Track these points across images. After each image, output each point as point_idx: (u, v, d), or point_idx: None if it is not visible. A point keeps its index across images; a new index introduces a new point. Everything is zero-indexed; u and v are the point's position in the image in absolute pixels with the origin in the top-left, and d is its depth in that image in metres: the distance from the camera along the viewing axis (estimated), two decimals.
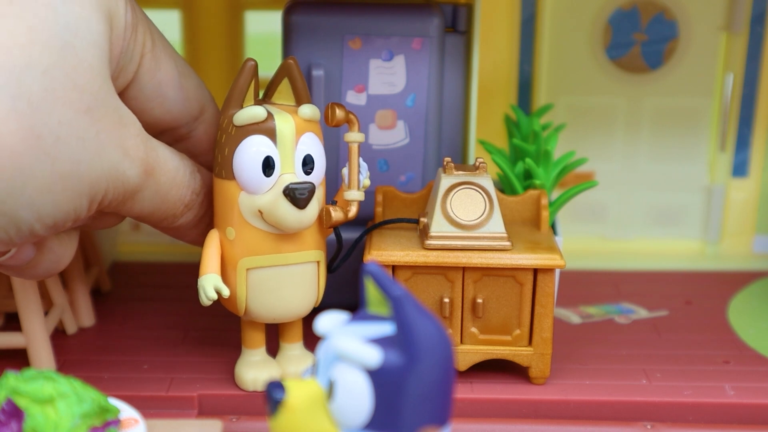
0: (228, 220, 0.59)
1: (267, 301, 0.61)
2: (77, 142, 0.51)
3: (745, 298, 0.78)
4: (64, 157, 0.50)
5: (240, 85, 0.58)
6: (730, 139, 0.84)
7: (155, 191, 0.57)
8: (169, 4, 0.84)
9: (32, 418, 0.47)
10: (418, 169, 0.70)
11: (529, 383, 0.64)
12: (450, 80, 0.70)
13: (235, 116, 0.58)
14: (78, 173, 0.51)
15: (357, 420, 0.42)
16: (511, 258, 0.62)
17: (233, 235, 0.59)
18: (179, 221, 0.60)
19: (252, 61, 0.58)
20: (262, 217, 0.59)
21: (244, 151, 0.58)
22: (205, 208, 0.61)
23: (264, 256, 0.60)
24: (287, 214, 0.58)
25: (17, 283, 0.63)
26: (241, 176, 0.58)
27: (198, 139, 0.64)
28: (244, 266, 0.60)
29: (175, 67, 0.61)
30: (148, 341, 0.69)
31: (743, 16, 0.81)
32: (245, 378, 0.63)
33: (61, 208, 0.51)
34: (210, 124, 0.64)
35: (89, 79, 0.51)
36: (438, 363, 0.42)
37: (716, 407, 0.62)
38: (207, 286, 0.59)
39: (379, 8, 0.68)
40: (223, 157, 0.59)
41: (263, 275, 0.60)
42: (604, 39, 0.82)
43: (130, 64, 0.58)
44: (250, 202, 0.59)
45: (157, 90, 0.60)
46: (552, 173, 0.69)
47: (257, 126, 0.58)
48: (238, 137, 0.58)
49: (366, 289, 0.44)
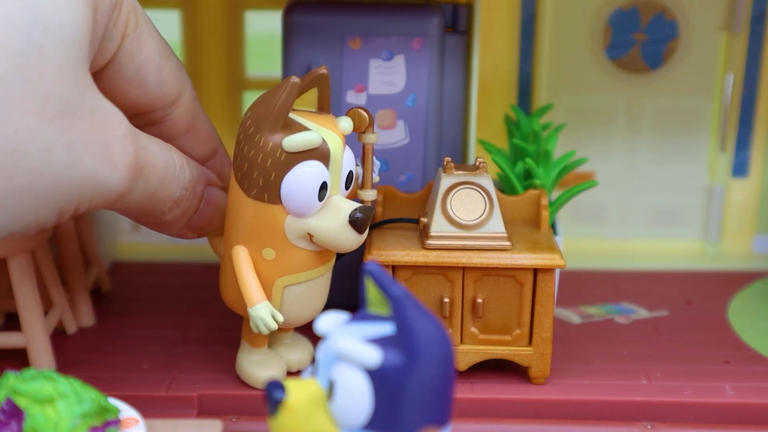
0: (267, 242, 0.58)
1: (300, 312, 0.61)
2: (40, 153, 0.46)
3: (745, 298, 0.78)
4: (22, 170, 0.46)
5: (282, 105, 0.55)
6: (730, 139, 0.84)
7: (144, 191, 0.53)
8: (169, 4, 0.84)
9: (32, 418, 0.47)
10: (418, 169, 0.70)
11: (529, 383, 0.64)
12: (450, 80, 0.70)
13: (286, 142, 0.55)
14: (40, 186, 0.47)
15: (357, 420, 0.42)
16: (511, 258, 0.62)
17: (272, 255, 0.58)
18: (166, 217, 0.58)
19: (296, 80, 0.55)
20: (310, 240, 0.58)
21: (298, 177, 0.56)
22: (191, 203, 0.59)
23: (303, 273, 0.59)
24: (350, 240, 0.57)
25: (17, 283, 0.63)
26: (293, 202, 0.56)
27: (172, 123, 0.60)
28: (282, 284, 0.59)
29: (157, 49, 0.57)
30: (148, 341, 0.69)
31: (743, 16, 0.81)
32: (259, 376, 0.62)
33: (17, 222, 0.48)
34: (187, 108, 0.60)
35: (57, 84, 0.47)
36: (438, 363, 0.42)
37: (716, 407, 0.62)
38: (265, 316, 0.58)
39: (379, 8, 0.68)
40: (267, 182, 0.56)
41: (299, 290, 0.60)
42: (604, 39, 0.82)
43: (108, 43, 0.54)
44: (298, 225, 0.57)
45: (136, 73, 0.56)
46: (552, 173, 0.69)
47: (312, 152, 0.56)
48: (290, 163, 0.56)
49: (366, 289, 0.44)
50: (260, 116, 0.56)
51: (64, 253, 0.71)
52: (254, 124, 0.56)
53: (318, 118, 0.58)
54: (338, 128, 0.58)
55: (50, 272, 0.68)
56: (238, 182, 0.57)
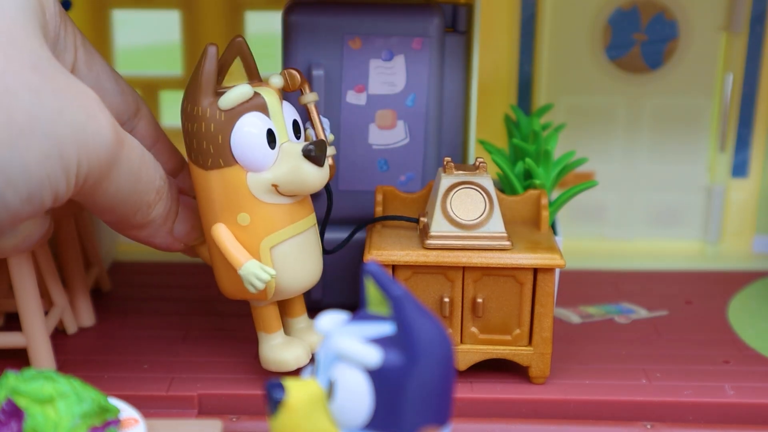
0: (237, 207, 0.59)
1: (294, 274, 0.61)
2: (30, 96, 0.48)
3: (745, 298, 0.78)
4: (18, 110, 0.47)
5: (208, 72, 0.58)
6: (730, 140, 0.84)
7: (129, 168, 0.54)
8: (169, 4, 0.85)
9: (32, 418, 0.47)
10: (418, 169, 0.70)
11: (529, 383, 0.64)
12: (450, 80, 0.70)
13: (220, 101, 0.57)
14: (40, 130, 0.48)
15: (357, 420, 0.42)
16: (511, 258, 0.62)
17: (247, 219, 0.59)
18: (152, 213, 0.59)
19: (213, 47, 0.58)
20: (277, 191, 0.59)
21: (244, 130, 0.58)
22: (171, 200, 0.60)
23: (283, 229, 0.60)
24: (311, 175, 0.58)
25: (17, 283, 0.63)
26: (247, 156, 0.58)
27: (140, 136, 0.62)
28: (267, 246, 0.60)
29: (105, 62, 0.60)
30: (148, 341, 0.69)
31: (743, 16, 0.81)
32: (286, 358, 0.62)
33: (31, 172, 0.48)
34: (149, 119, 0.63)
35: (26, 39, 0.49)
36: (438, 363, 0.42)
37: (716, 407, 0.62)
38: (255, 270, 0.59)
39: (379, 8, 0.68)
40: (216, 146, 0.58)
41: (286, 248, 0.60)
42: (604, 39, 0.82)
43: (65, 53, 0.56)
44: (260, 179, 0.58)
45: (96, 83, 0.59)
46: (552, 173, 0.69)
47: (248, 104, 0.58)
48: (231, 120, 0.58)
49: (366, 289, 0.44)
50: (191, 91, 0.58)
51: (64, 253, 0.71)
52: (189, 101, 0.58)
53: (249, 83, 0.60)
54: (269, 84, 0.60)
55: (50, 272, 0.68)
56: (194, 162, 0.59)
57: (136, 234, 0.60)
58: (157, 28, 0.94)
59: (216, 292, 0.65)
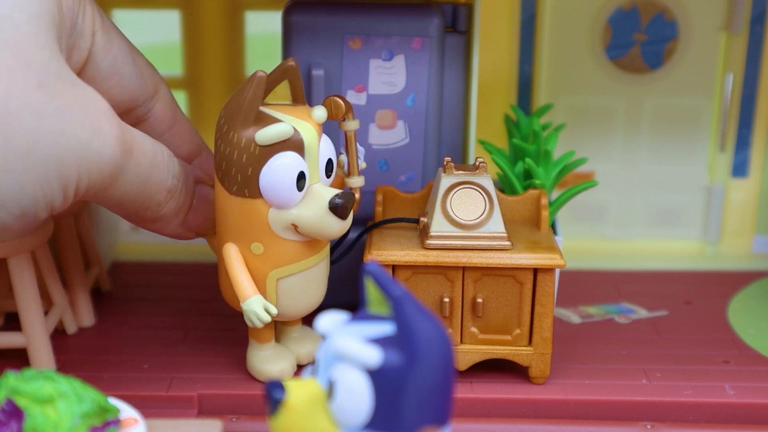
0: (254, 237, 0.58)
1: (296, 303, 0.61)
2: (32, 117, 0.47)
3: (745, 298, 0.78)
4: (18, 133, 0.47)
5: (251, 100, 0.56)
6: (730, 140, 0.84)
7: (137, 174, 0.54)
8: (169, 4, 0.84)
9: (32, 418, 0.47)
10: (418, 169, 0.70)
11: (529, 383, 0.64)
12: (450, 80, 0.70)
13: (258, 135, 0.56)
14: (39, 152, 0.48)
15: (357, 420, 0.42)
16: (511, 258, 0.62)
17: (261, 250, 0.59)
18: (163, 210, 0.58)
19: (262, 74, 0.56)
20: (296, 230, 0.58)
21: (274, 169, 0.56)
22: (184, 195, 0.59)
23: (294, 264, 0.59)
24: (333, 227, 0.58)
25: (17, 283, 0.63)
26: (272, 194, 0.57)
27: (156, 119, 0.62)
28: (275, 277, 0.59)
29: (126, 43, 0.58)
30: (148, 341, 0.69)
31: (743, 16, 0.81)
32: (272, 371, 0.63)
33: (26, 192, 0.48)
34: (166, 102, 0.62)
35: (36, 52, 0.48)
36: (438, 363, 0.42)
37: (716, 407, 0.62)
38: (258, 310, 0.58)
39: (379, 8, 0.68)
40: (245, 177, 0.57)
41: (293, 281, 0.60)
42: (604, 39, 0.82)
43: (81, 40, 0.55)
44: (281, 217, 0.58)
45: (113, 67, 0.58)
46: (552, 173, 0.69)
47: (284, 143, 0.56)
48: (264, 156, 0.56)
49: (366, 289, 0.44)
50: (231, 113, 0.57)
51: (64, 253, 0.71)
52: (227, 122, 0.57)
53: (292, 110, 0.59)
54: (312, 118, 0.58)
55: (50, 272, 0.68)
56: (220, 181, 0.58)
57: (146, 226, 0.60)
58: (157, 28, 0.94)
59: (216, 292, 0.65)
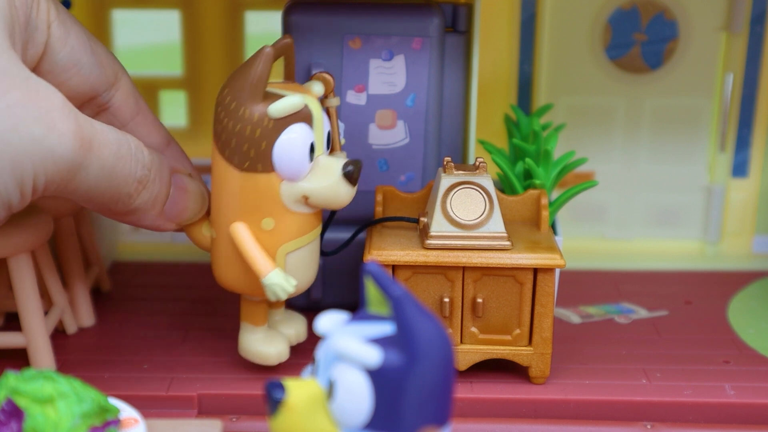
0: (264, 212, 0.59)
1: (303, 276, 0.62)
2: None
3: (745, 298, 0.78)
4: None
5: (261, 76, 0.57)
6: (730, 140, 0.84)
7: (100, 167, 0.53)
8: (169, 4, 0.84)
9: (32, 418, 0.47)
10: (418, 169, 0.70)
11: (529, 383, 0.64)
12: (450, 80, 0.70)
13: (271, 109, 0.56)
14: None
15: (357, 420, 0.42)
16: (511, 258, 0.62)
17: (272, 225, 0.59)
18: (136, 202, 0.57)
19: (270, 49, 0.57)
20: (306, 202, 0.59)
21: (288, 141, 0.57)
22: (158, 186, 0.58)
23: (302, 237, 0.60)
24: (345, 194, 0.59)
25: (17, 283, 0.63)
26: (286, 166, 0.58)
27: (118, 107, 0.61)
28: (285, 251, 0.60)
29: (83, 32, 0.58)
30: (148, 341, 0.69)
31: (743, 16, 0.81)
32: (269, 352, 0.63)
33: None
34: (128, 90, 0.61)
35: None
36: (438, 363, 0.42)
37: (716, 407, 0.62)
38: (282, 282, 0.59)
39: (379, 8, 0.68)
40: (259, 151, 0.57)
41: (300, 255, 0.61)
42: (604, 39, 0.82)
43: (36, 34, 0.55)
44: (293, 190, 0.59)
45: (71, 57, 0.57)
46: (552, 173, 0.69)
47: (296, 115, 0.57)
48: (278, 129, 0.57)
49: (366, 289, 0.44)
50: (240, 89, 0.57)
51: (64, 253, 0.71)
52: (235, 98, 0.57)
53: (290, 87, 0.60)
54: (311, 92, 0.60)
55: (50, 272, 0.68)
56: (227, 159, 0.58)
57: (121, 218, 0.59)
58: (157, 28, 0.94)
59: (216, 293, 0.65)
